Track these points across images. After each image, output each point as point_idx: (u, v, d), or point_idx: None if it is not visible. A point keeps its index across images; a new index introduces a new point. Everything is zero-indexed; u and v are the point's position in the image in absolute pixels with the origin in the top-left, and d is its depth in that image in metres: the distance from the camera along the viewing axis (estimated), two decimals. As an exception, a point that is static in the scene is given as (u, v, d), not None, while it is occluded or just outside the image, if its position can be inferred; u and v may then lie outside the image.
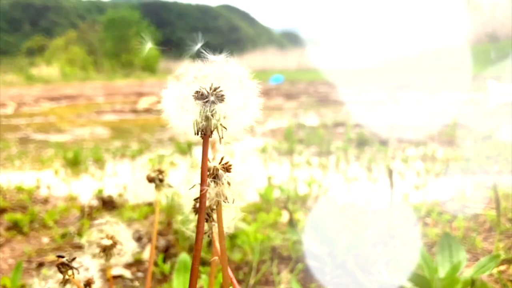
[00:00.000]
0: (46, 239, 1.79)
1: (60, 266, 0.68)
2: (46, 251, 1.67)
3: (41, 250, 1.68)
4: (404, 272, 1.06)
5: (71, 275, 0.68)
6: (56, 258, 0.68)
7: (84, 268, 0.72)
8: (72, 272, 0.68)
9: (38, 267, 1.54)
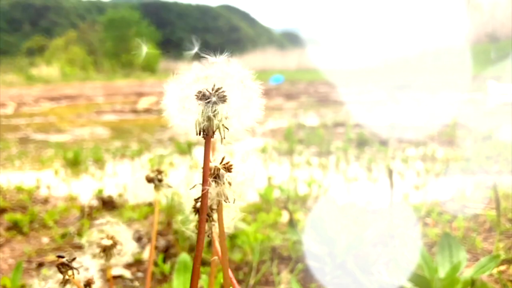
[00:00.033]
0: (46, 239, 1.79)
1: (60, 266, 0.68)
2: (46, 251, 1.67)
3: (41, 250, 1.68)
4: (404, 272, 1.06)
5: (71, 275, 0.68)
6: (56, 258, 0.68)
7: (84, 268, 0.72)
8: (72, 272, 0.68)
9: (38, 267, 1.54)
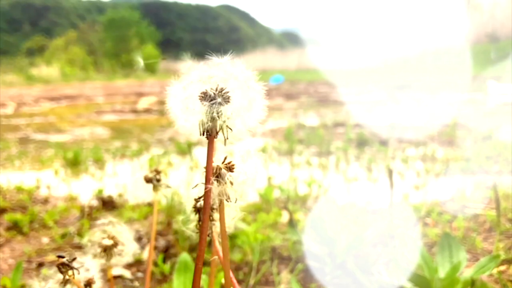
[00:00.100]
0: (46, 239, 1.79)
1: (60, 266, 0.68)
2: (46, 251, 1.67)
3: (41, 250, 1.68)
4: (404, 272, 1.06)
5: (71, 275, 0.68)
6: (56, 258, 0.68)
7: (84, 268, 0.72)
8: (72, 272, 0.68)
9: (38, 267, 1.54)
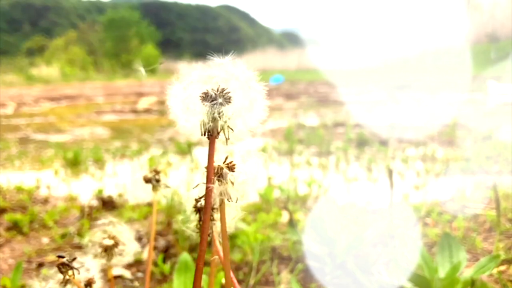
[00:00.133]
0: (46, 239, 1.79)
1: (60, 266, 0.68)
2: (46, 251, 1.67)
3: (41, 250, 1.68)
4: (404, 272, 1.06)
5: (72, 275, 0.68)
6: (56, 258, 0.68)
7: (85, 268, 0.72)
8: (72, 272, 0.68)
9: (38, 267, 1.54)
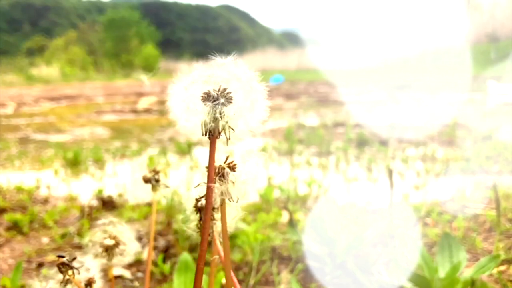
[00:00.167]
0: (46, 239, 1.79)
1: (60, 266, 0.68)
2: (46, 251, 1.67)
3: (41, 250, 1.68)
4: (404, 272, 1.06)
5: (72, 275, 0.68)
6: (56, 258, 0.68)
7: (85, 268, 0.72)
8: (72, 272, 0.68)
9: (38, 267, 1.54)
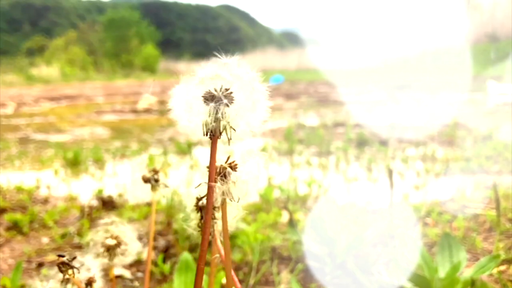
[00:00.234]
0: (46, 239, 1.79)
1: (60, 266, 0.68)
2: (46, 251, 1.67)
3: (41, 250, 1.68)
4: (404, 272, 1.06)
5: (72, 274, 0.68)
6: (56, 257, 0.68)
7: (86, 268, 0.72)
8: (72, 271, 0.68)
9: (38, 267, 1.54)
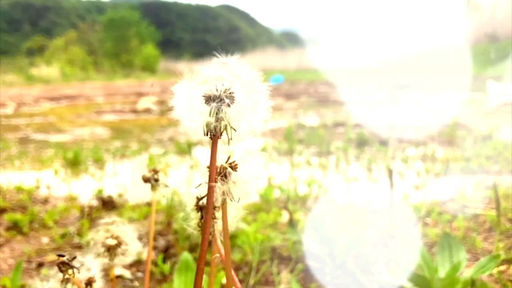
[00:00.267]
0: (46, 239, 1.79)
1: (60, 265, 0.68)
2: (46, 251, 1.67)
3: (41, 250, 1.68)
4: (404, 272, 1.06)
5: (72, 274, 0.68)
6: (56, 257, 0.68)
7: (86, 268, 0.72)
8: (72, 271, 0.68)
9: (38, 267, 1.54)
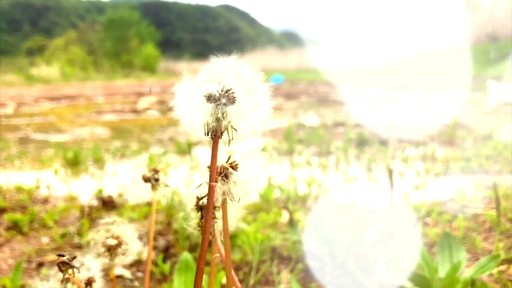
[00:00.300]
0: (46, 239, 1.79)
1: (60, 265, 0.68)
2: (46, 251, 1.67)
3: (41, 250, 1.68)
4: (404, 272, 1.06)
5: (71, 274, 0.68)
6: (56, 257, 0.68)
7: (86, 267, 0.72)
8: (72, 271, 0.68)
9: (38, 267, 1.54)
